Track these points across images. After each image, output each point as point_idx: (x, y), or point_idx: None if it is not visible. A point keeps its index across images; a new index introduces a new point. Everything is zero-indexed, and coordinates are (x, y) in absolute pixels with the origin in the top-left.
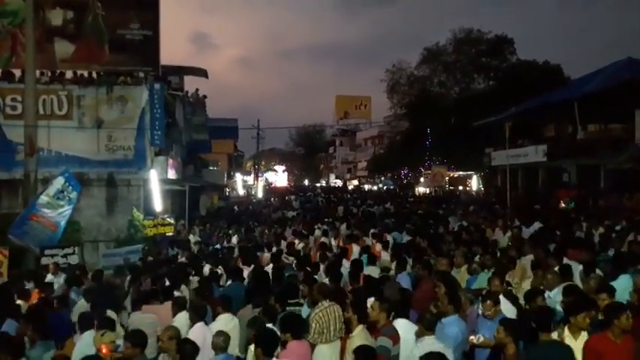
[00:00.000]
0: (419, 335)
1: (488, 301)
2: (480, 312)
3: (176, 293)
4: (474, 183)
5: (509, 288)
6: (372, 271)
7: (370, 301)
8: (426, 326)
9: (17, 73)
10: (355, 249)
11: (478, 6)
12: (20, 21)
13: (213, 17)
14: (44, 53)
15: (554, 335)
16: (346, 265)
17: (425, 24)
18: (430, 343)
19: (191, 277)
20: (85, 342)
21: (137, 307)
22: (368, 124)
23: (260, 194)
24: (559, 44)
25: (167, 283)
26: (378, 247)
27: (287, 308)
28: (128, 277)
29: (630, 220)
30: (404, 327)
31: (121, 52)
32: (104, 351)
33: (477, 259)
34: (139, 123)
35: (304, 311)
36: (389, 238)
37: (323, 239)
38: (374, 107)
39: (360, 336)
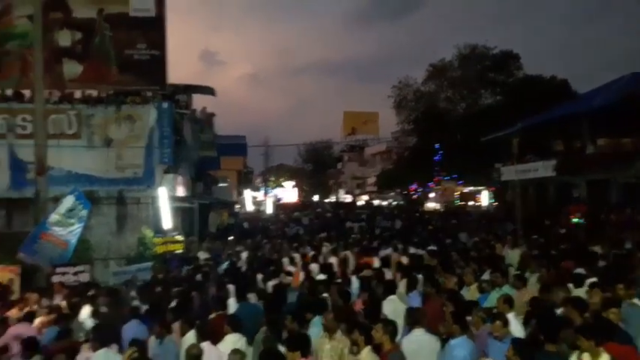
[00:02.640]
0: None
1: (497, 322)
2: (490, 332)
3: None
4: (484, 198)
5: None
6: None
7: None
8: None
9: (27, 93)
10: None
11: (485, 23)
12: (29, 43)
13: (221, 35)
14: (53, 74)
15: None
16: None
17: (432, 40)
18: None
19: None
20: None
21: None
22: (376, 140)
23: (269, 210)
24: (565, 60)
25: None
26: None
27: None
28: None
29: None
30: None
31: (128, 71)
32: None
33: (485, 276)
34: (147, 141)
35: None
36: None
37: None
38: (382, 123)
39: (367, 359)
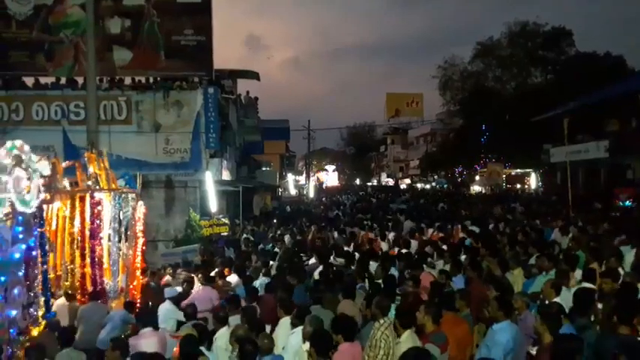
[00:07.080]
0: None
1: None
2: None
3: None
4: (533, 181)
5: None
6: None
7: None
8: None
9: (80, 80)
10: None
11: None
12: (82, 31)
13: (264, 19)
14: (104, 61)
15: None
16: None
17: (478, 18)
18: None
19: None
20: None
21: None
22: (420, 122)
23: (311, 194)
24: (621, 36)
25: None
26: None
27: None
28: None
29: None
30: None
31: (176, 57)
32: None
33: (532, 260)
34: (194, 126)
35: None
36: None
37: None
38: (426, 104)
39: (407, 342)
